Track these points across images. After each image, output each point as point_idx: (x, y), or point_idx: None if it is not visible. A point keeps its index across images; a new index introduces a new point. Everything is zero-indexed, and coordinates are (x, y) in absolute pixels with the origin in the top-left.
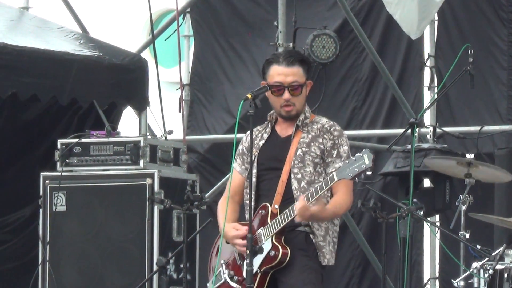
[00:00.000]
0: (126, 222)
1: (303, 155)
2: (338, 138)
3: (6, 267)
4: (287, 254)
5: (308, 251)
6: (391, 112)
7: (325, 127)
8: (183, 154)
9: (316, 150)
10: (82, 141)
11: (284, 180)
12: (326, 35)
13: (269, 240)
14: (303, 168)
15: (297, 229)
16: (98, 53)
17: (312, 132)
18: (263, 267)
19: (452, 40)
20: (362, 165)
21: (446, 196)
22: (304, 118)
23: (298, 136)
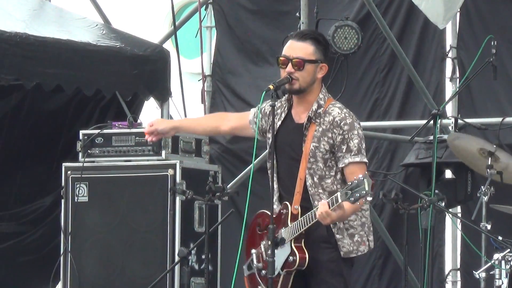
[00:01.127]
0: (148, 213)
1: (314, 150)
2: (348, 132)
3: (25, 259)
4: (305, 259)
5: (331, 242)
6: (412, 103)
7: (335, 120)
8: (205, 145)
9: (325, 146)
10: (104, 132)
11: (302, 178)
12: (348, 26)
13: (289, 244)
14: (315, 163)
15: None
16: (120, 44)
17: (323, 125)
18: (284, 269)
19: (474, 31)
20: (362, 191)
21: (468, 187)
22: (317, 108)
23: (312, 129)
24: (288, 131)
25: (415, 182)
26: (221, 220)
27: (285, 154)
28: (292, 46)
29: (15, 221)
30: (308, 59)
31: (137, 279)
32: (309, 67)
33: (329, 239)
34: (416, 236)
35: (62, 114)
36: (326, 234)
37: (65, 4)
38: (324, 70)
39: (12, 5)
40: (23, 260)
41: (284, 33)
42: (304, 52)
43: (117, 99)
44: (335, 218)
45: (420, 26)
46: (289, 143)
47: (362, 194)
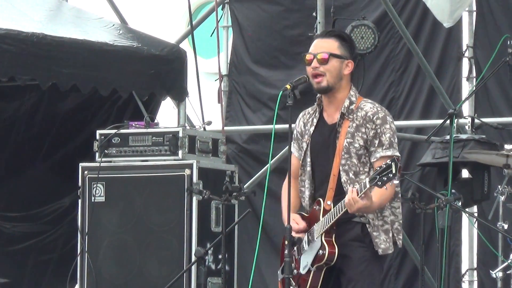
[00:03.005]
0: (165, 212)
1: (349, 146)
2: (380, 126)
3: (44, 258)
4: (334, 254)
5: (365, 241)
6: (429, 103)
7: (368, 115)
8: (222, 145)
9: (359, 141)
10: (121, 131)
11: (335, 174)
12: (364, 25)
13: (319, 238)
14: (349, 159)
15: (353, 220)
16: (137, 44)
17: (356, 120)
18: (315, 264)
19: (489, 31)
20: (389, 174)
21: (485, 187)
22: (349, 104)
23: (345, 126)
24: (322, 132)
25: (432, 182)
26: (238, 220)
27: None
28: (317, 44)
29: (35, 222)
30: (332, 53)
31: (154, 279)
32: (334, 62)
33: (363, 238)
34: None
35: (79, 114)
36: (361, 234)
37: (82, 4)
38: (350, 67)
39: (29, 5)
40: (42, 259)
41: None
42: (328, 48)
43: (134, 99)
44: (361, 205)
45: (436, 25)
46: (323, 143)
47: (389, 177)
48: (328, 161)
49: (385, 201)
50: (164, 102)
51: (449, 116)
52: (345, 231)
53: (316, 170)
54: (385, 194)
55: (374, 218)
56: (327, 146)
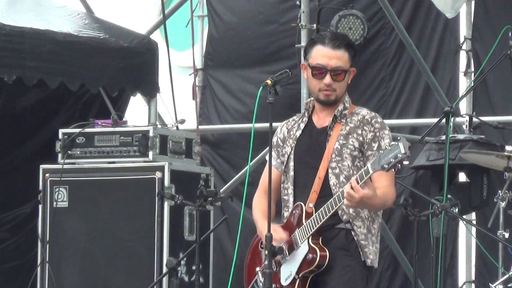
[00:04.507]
0: (133, 219)
1: (341, 148)
2: (379, 130)
3: (5, 266)
4: (325, 257)
5: (350, 249)
6: (423, 100)
7: (366, 118)
8: (196, 145)
9: (354, 143)
10: (86, 130)
11: (321, 177)
12: (353, 15)
13: (306, 242)
14: (341, 162)
15: (337, 227)
16: (104, 35)
17: (351, 123)
18: (301, 272)
19: (491, 21)
20: (398, 155)
21: (484, 192)
22: (343, 109)
23: (337, 129)
24: (310, 135)
25: (426, 186)
26: (214, 228)
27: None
28: (328, 55)
29: None
30: (347, 69)
31: None
32: (346, 77)
33: (348, 246)
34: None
35: (39, 111)
36: (345, 241)
37: None
38: (352, 74)
39: None
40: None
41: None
42: (342, 62)
43: (101, 95)
44: (363, 195)
45: (431, 15)
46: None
47: (397, 158)
48: (314, 164)
49: (389, 202)
50: (134, 99)
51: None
52: (329, 239)
53: (299, 174)
54: (389, 194)
55: (360, 226)
56: (315, 149)
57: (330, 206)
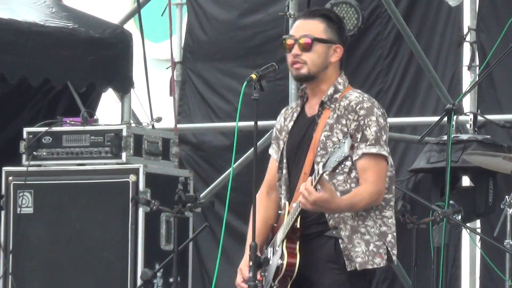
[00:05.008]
0: (105, 227)
1: (325, 140)
2: (364, 118)
3: None
4: (293, 265)
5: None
6: (423, 96)
7: (351, 105)
8: (174, 146)
9: (338, 134)
10: (53, 129)
11: (306, 172)
12: (346, 3)
13: (281, 246)
14: (325, 155)
15: (326, 235)
16: (72, 24)
17: (338, 110)
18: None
19: (498, 10)
20: (341, 154)
21: (489, 198)
22: (333, 92)
23: (324, 116)
24: (301, 127)
25: (426, 191)
26: (193, 236)
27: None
28: (299, 25)
29: None
30: (317, 38)
31: None
32: (319, 48)
33: (336, 258)
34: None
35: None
36: (334, 252)
37: None
38: (339, 53)
39: None
40: None
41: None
42: (312, 31)
43: (69, 91)
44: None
45: (432, 3)
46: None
47: (341, 157)
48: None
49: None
50: (105, 95)
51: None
52: (315, 248)
53: (292, 171)
54: (360, 194)
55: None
56: (304, 142)
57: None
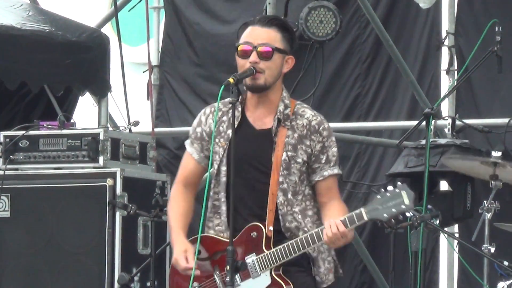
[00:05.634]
0: (82, 231)
1: (289, 161)
2: (327, 139)
3: None
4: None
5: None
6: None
7: (312, 125)
8: (151, 150)
9: (302, 156)
10: (30, 133)
11: (274, 193)
12: (324, 7)
13: (268, 274)
14: (288, 176)
15: None
16: (49, 28)
17: (297, 130)
18: None
19: (476, 14)
20: (401, 205)
21: (467, 202)
22: (284, 108)
23: (282, 135)
24: (248, 139)
25: None
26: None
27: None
28: (256, 32)
29: None
30: (276, 47)
31: None
32: (276, 58)
33: (301, 261)
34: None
35: None
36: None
37: None
38: (290, 64)
39: None
40: None
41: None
42: (271, 40)
43: (46, 94)
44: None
45: (411, 7)
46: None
47: (401, 209)
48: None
49: None
50: (83, 98)
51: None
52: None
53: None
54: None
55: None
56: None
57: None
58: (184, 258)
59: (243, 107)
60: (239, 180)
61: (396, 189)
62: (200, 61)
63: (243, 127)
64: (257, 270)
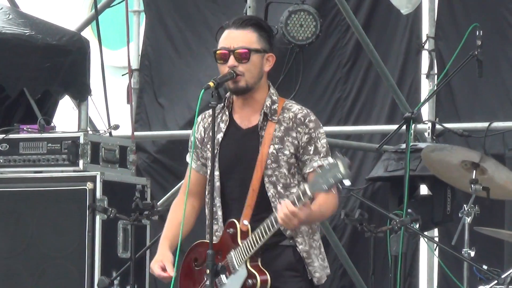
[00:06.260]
0: (62, 234)
1: (277, 154)
2: (315, 130)
3: None
4: (267, 282)
5: (299, 270)
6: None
7: (298, 117)
8: (131, 154)
9: (289, 148)
10: (10, 136)
11: (255, 188)
12: (304, 11)
13: (244, 266)
14: (278, 169)
15: (281, 244)
16: (29, 31)
17: (284, 123)
18: None
19: (457, 18)
20: (337, 174)
21: (447, 206)
22: (271, 103)
23: (270, 129)
24: (237, 140)
25: (384, 199)
26: (150, 244)
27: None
28: (231, 35)
29: None
30: (253, 48)
31: None
32: (255, 58)
33: (296, 265)
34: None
35: None
36: (293, 260)
37: None
38: (271, 62)
39: None
40: None
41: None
42: (247, 41)
43: (26, 98)
44: (303, 218)
45: (391, 11)
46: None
47: (337, 177)
48: (246, 174)
49: (328, 212)
50: (63, 102)
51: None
52: (273, 258)
53: (228, 185)
54: (326, 203)
55: (303, 243)
56: (244, 156)
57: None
58: (158, 266)
59: (230, 110)
60: (233, 182)
61: (333, 160)
62: (180, 65)
63: (231, 129)
64: (235, 265)
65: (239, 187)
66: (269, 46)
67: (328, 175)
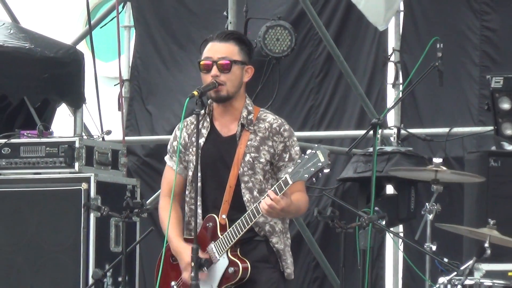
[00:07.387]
0: (59, 231)
1: (253, 162)
2: (289, 139)
3: None
4: (247, 269)
5: (271, 261)
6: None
7: (273, 127)
8: (122, 157)
9: (265, 156)
10: (11, 141)
11: (232, 185)
12: (280, 26)
13: (225, 255)
14: (254, 176)
15: (256, 239)
16: (29, 45)
17: (259, 133)
18: (222, 286)
19: (419, 32)
20: (317, 163)
21: (411, 204)
22: (247, 114)
23: (245, 137)
24: (217, 145)
25: (353, 198)
26: (140, 239)
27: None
28: (214, 48)
29: None
30: (234, 60)
31: None
32: (236, 69)
33: (269, 257)
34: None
35: None
36: (267, 253)
37: None
38: (250, 73)
39: None
40: None
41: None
42: (229, 53)
43: (26, 106)
44: (284, 205)
45: (360, 26)
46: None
47: (318, 166)
48: (224, 176)
49: (303, 209)
50: (59, 109)
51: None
52: (248, 252)
53: (207, 186)
54: (301, 200)
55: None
56: (223, 161)
57: (246, 221)
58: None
59: (211, 117)
60: (212, 183)
61: (312, 150)
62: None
63: (212, 135)
64: (216, 256)
65: (217, 188)
66: (248, 59)
67: (309, 164)
